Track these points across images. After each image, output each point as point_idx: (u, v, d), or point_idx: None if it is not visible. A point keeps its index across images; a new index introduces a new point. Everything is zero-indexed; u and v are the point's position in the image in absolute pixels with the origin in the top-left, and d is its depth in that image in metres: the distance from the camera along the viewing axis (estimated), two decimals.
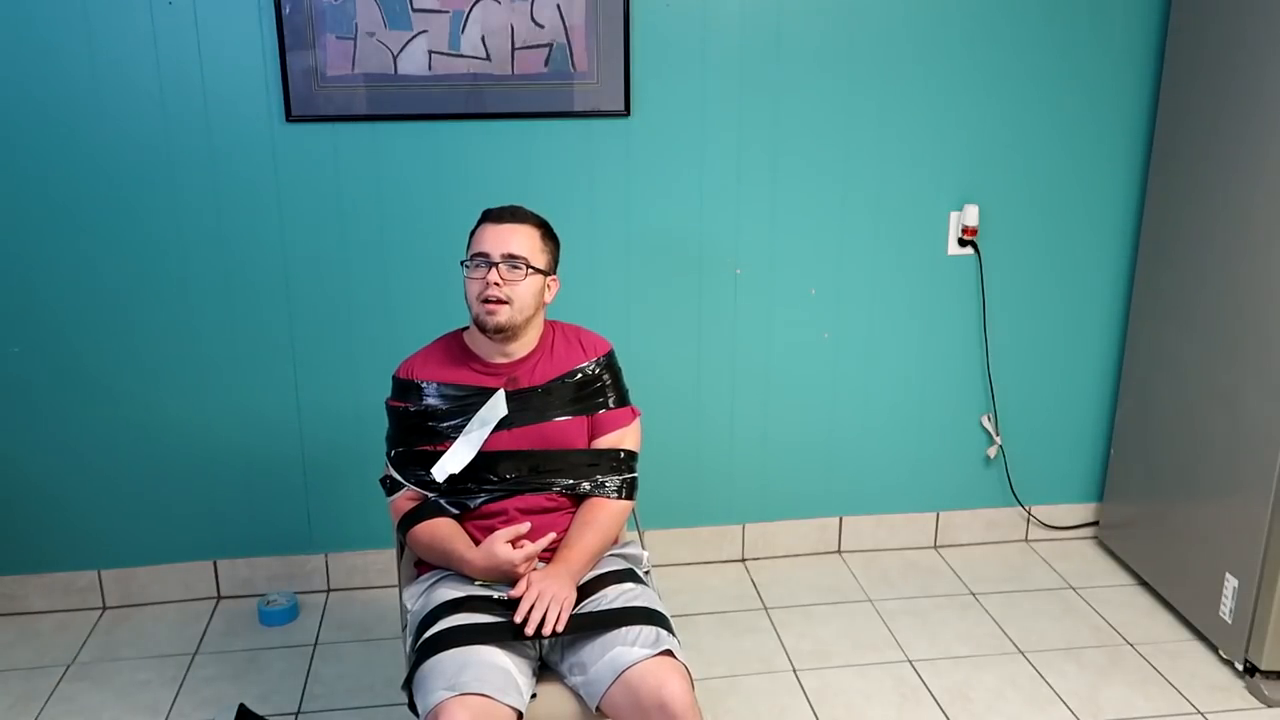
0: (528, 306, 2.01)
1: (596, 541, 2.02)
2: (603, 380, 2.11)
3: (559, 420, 2.06)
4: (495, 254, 1.99)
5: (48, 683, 2.62)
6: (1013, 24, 2.85)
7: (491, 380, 2.06)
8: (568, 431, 2.07)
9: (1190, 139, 2.76)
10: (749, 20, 2.76)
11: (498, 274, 1.98)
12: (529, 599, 1.86)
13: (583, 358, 2.11)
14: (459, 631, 1.84)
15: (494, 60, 2.67)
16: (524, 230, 2.02)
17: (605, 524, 2.04)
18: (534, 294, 2.01)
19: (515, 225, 2.01)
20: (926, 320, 3.05)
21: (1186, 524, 2.79)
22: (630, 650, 1.81)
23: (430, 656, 1.80)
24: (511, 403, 2.03)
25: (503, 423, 2.02)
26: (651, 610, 1.91)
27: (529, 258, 2.00)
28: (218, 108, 2.63)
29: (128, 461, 2.84)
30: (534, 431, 2.04)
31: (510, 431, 2.03)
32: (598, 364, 2.11)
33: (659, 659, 1.80)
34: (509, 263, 1.99)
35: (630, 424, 2.13)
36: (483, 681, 1.74)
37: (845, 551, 3.23)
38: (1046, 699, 2.54)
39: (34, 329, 2.72)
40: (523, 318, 2.01)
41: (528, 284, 2.00)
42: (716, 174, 2.85)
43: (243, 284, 2.75)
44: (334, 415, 2.88)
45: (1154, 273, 2.94)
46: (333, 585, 3.02)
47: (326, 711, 2.51)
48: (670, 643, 1.85)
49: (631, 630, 1.85)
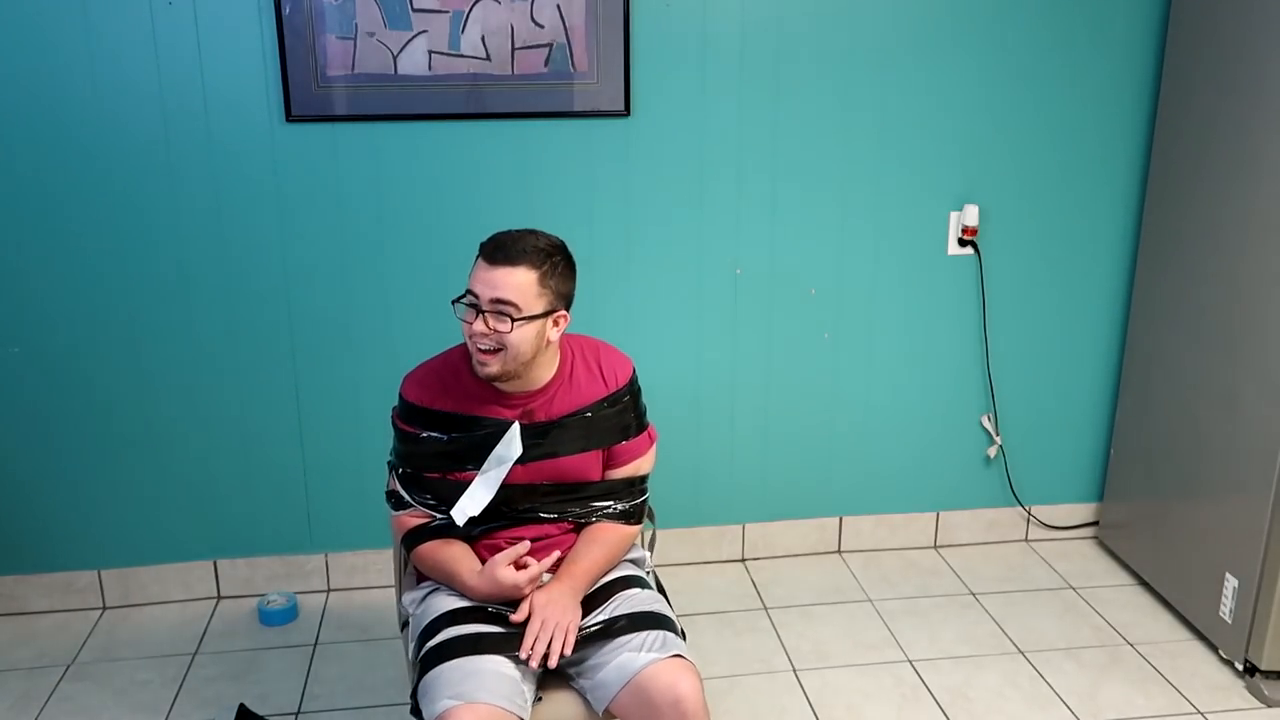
0: (524, 353, 1.85)
1: (603, 560, 1.97)
2: (622, 412, 2.00)
3: (576, 456, 1.96)
4: (483, 299, 1.82)
5: (48, 683, 2.62)
6: (1013, 24, 2.85)
7: (505, 412, 1.93)
8: (584, 465, 1.98)
9: (1190, 139, 2.76)
10: (749, 20, 2.76)
11: (484, 323, 1.82)
12: (533, 629, 1.82)
13: (603, 389, 1.98)
14: (462, 641, 1.82)
15: (494, 60, 2.67)
16: (518, 274, 1.82)
17: (613, 544, 2.00)
18: (528, 340, 1.84)
19: (509, 268, 1.82)
20: (926, 320, 3.05)
21: (1186, 524, 2.79)
22: (639, 655, 1.81)
23: (435, 666, 1.79)
24: (526, 437, 1.92)
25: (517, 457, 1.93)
26: (660, 615, 1.90)
27: (520, 305, 1.81)
28: (218, 107, 2.63)
29: (128, 462, 2.84)
30: (549, 466, 1.95)
31: (524, 466, 1.93)
32: (618, 396, 2.00)
33: (669, 660, 1.80)
34: (496, 310, 1.82)
35: (647, 451, 2.06)
36: (488, 690, 1.74)
37: (845, 551, 3.23)
38: (1046, 699, 2.54)
39: (34, 329, 2.71)
40: (520, 364, 1.86)
41: (519, 333, 1.83)
42: (716, 174, 2.85)
43: (242, 284, 2.75)
44: (334, 415, 2.88)
45: (1154, 273, 2.94)
46: (333, 585, 3.02)
47: (326, 711, 2.51)
48: (679, 646, 1.84)
49: (638, 636, 1.84)
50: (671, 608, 2.00)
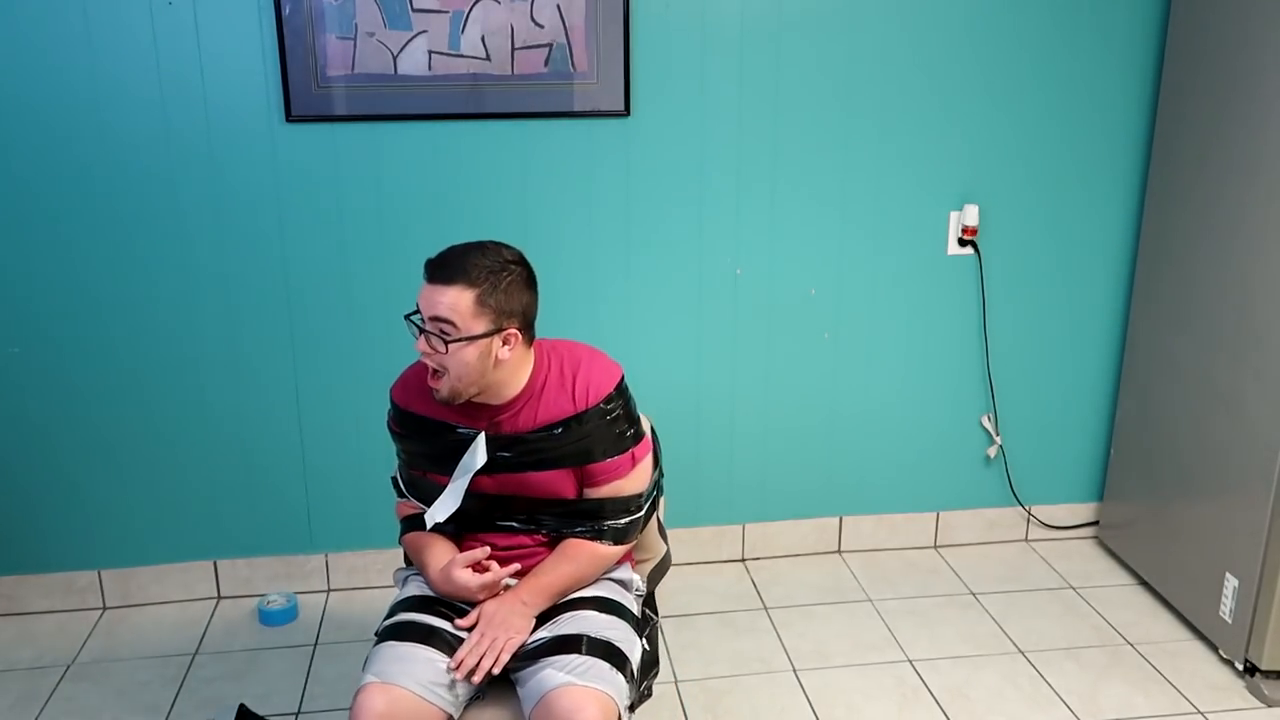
0: (468, 374, 1.79)
1: (570, 578, 1.91)
2: (596, 431, 1.88)
3: (542, 473, 1.90)
4: (425, 316, 1.78)
5: (48, 683, 2.62)
6: (1013, 23, 2.85)
7: (472, 423, 1.89)
8: (552, 481, 1.91)
9: (1190, 138, 2.76)
10: (749, 20, 2.75)
11: (425, 342, 1.78)
12: (470, 640, 1.82)
13: (570, 409, 1.87)
14: (411, 627, 1.86)
15: (494, 60, 2.67)
16: (451, 293, 1.75)
17: (584, 562, 1.92)
18: (470, 362, 1.78)
19: (444, 287, 1.76)
20: (926, 320, 3.05)
21: (1186, 524, 2.79)
22: (558, 674, 1.75)
23: (381, 643, 1.84)
24: (492, 449, 1.88)
25: (484, 467, 1.88)
26: (604, 643, 1.82)
27: (457, 325, 1.75)
28: (217, 107, 2.63)
29: (128, 461, 2.84)
30: (514, 480, 1.90)
31: (492, 477, 1.90)
32: (587, 416, 1.88)
33: (580, 689, 1.73)
34: (434, 328, 1.77)
35: (629, 473, 1.92)
36: (410, 676, 1.77)
37: (845, 551, 3.23)
38: (1046, 699, 2.54)
39: (33, 329, 2.71)
40: (467, 384, 1.80)
41: (458, 355, 1.76)
42: (716, 174, 2.85)
43: (242, 284, 2.75)
44: (334, 415, 2.88)
45: (1154, 273, 2.94)
46: (333, 585, 3.02)
47: (326, 711, 2.51)
48: (603, 678, 1.76)
49: (568, 658, 1.79)
50: (643, 637, 1.96)
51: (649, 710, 2.45)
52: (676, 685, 2.59)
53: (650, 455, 1.99)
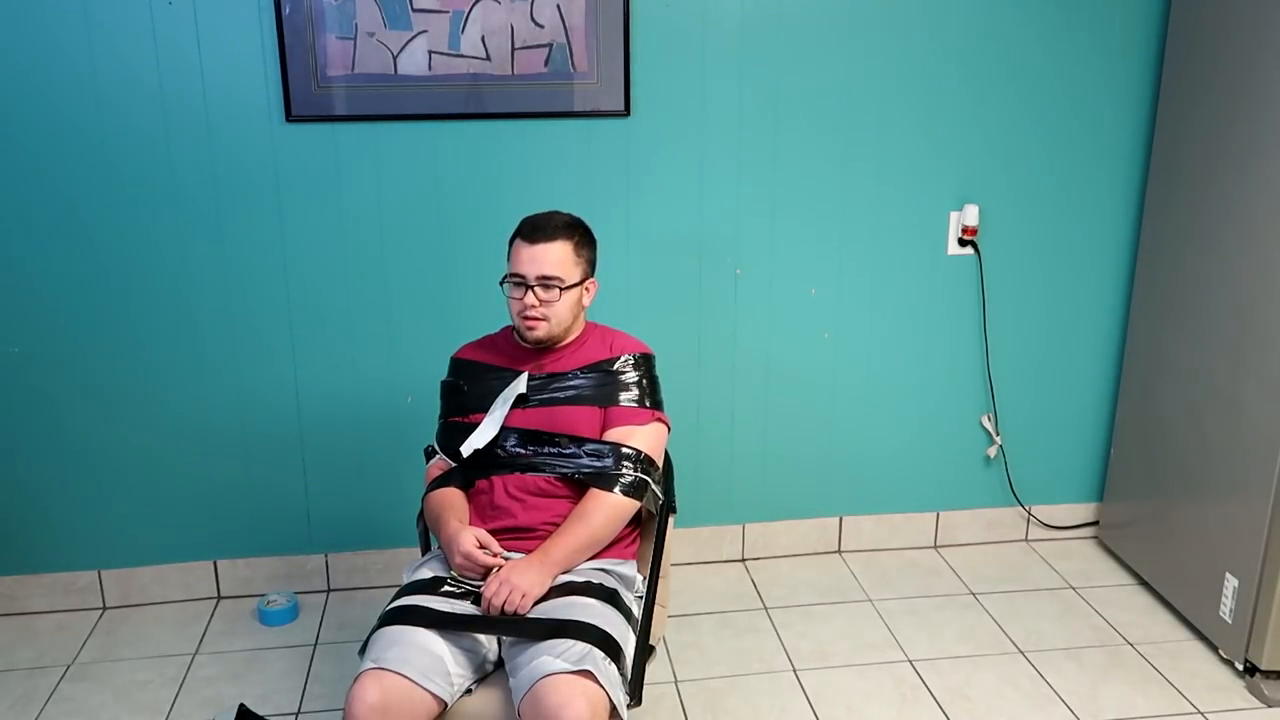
0: (565, 319, 2.12)
1: (582, 535, 2.01)
2: (621, 378, 2.15)
3: (570, 407, 2.12)
4: (530, 276, 2.07)
5: (48, 683, 2.62)
6: (1013, 24, 2.85)
7: (521, 365, 2.18)
8: (577, 419, 2.12)
9: (1190, 139, 2.76)
10: (749, 20, 2.76)
11: (534, 296, 2.07)
12: (491, 585, 1.92)
13: (607, 354, 2.17)
14: (411, 611, 1.90)
15: (494, 60, 2.67)
16: (555, 248, 2.08)
17: (594, 517, 2.02)
18: (570, 306, 2.12)
19: (547, 244, 2.07)
20: (926, 320, 3.05)
21: (1186, 524, 2.79)
22: (553, 661, 1.77)
23: (383, 626, 1.88)
24: (531, 384, 2.14)
25: (519, 400, 2.13)
26: (599, 630, 1.85)
27: (563, 276, 2.08)
28: (218, 107, 2.63)
29: (128, 461, 2.84)
30: (544, 413, 2.12)
31: (524, 410, 2.13)
32: (620, 361, 2.16)
33: (573, 677, 1.75)
34: (543, 284, 2.07)
35: (644, 424, 2.14)
36: (405, 662, 1.80)
37: (845, 551, 3.23)
38: (1046, 699, 2.54)
39: (33, 329, 2.71)
40: (562, 328, 2.13)
41: (564, 301, 2.09)
42: (716, 174, 2.85)
43: (242, 283, 2.75)
44: (334, 415, 2.88)
45: (1154, 273, 2.94)
46: (333, 585, 3.02)
47: (326, 711, 2.51)
48: (598, 665, 1.78)
49: (565, 643, 1.81)
50: (637, 632, 1.97)
51: (649, 710, 2.45)
52: (676, 685, 2.59)
53: (664, 435, 2.18)
